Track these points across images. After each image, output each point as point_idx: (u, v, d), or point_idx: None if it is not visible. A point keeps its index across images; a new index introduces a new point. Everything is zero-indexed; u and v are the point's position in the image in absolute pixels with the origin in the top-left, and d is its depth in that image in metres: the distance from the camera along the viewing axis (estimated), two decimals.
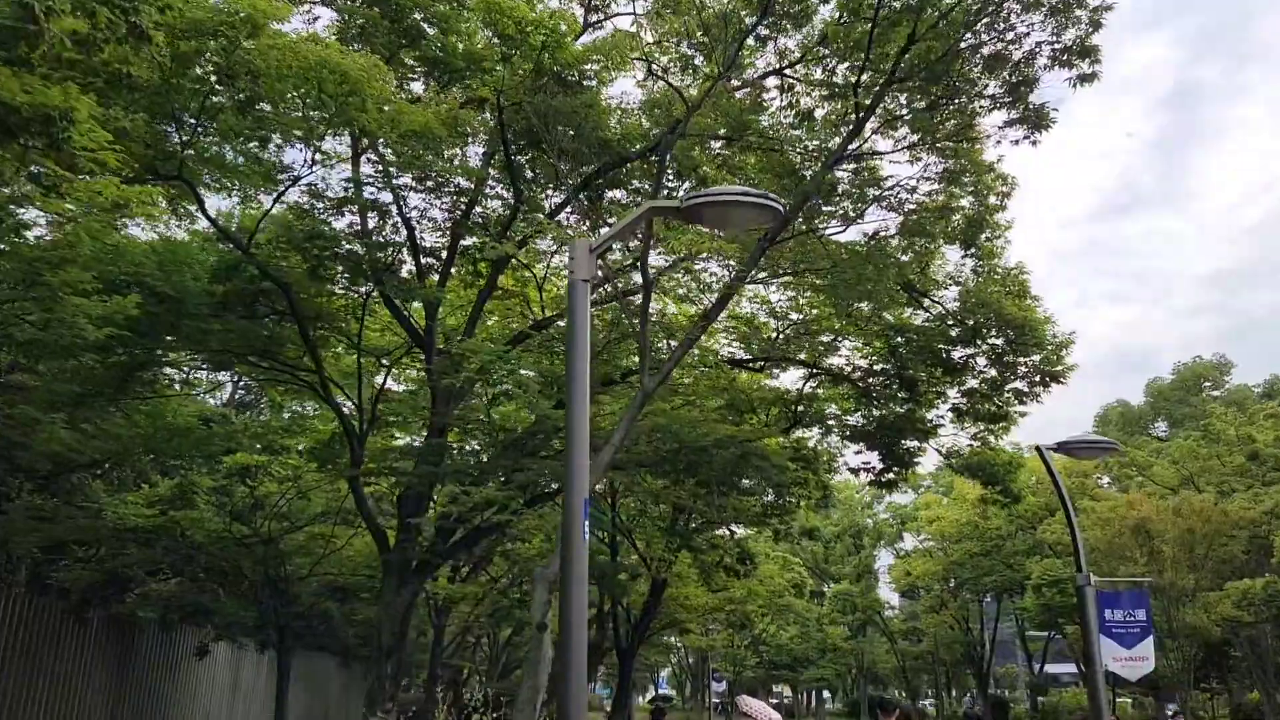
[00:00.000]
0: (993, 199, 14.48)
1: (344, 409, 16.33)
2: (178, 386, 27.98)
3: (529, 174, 15.22)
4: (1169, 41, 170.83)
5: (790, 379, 19.55)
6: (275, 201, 14.26)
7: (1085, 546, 40.20)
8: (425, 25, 15.85)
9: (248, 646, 27.11)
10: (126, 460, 23.08)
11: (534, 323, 16.26)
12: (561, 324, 16.69)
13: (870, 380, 17.70)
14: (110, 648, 23.38)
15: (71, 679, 21.21)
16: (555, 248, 16.36)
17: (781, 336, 18.21)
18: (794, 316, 18.47)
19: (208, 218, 13.60)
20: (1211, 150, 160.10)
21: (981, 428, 18.73)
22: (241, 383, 31.86)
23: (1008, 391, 15.70)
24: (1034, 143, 11.27)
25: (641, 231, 10.99)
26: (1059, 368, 14.76)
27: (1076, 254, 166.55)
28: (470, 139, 16.27)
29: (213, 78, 12.79)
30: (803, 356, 17.76)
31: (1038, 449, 13.84)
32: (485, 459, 15.47)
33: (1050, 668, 63.36)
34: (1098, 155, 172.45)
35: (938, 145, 11.11)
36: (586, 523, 7.55)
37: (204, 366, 18.26)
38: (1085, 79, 11.07)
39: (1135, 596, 14.00)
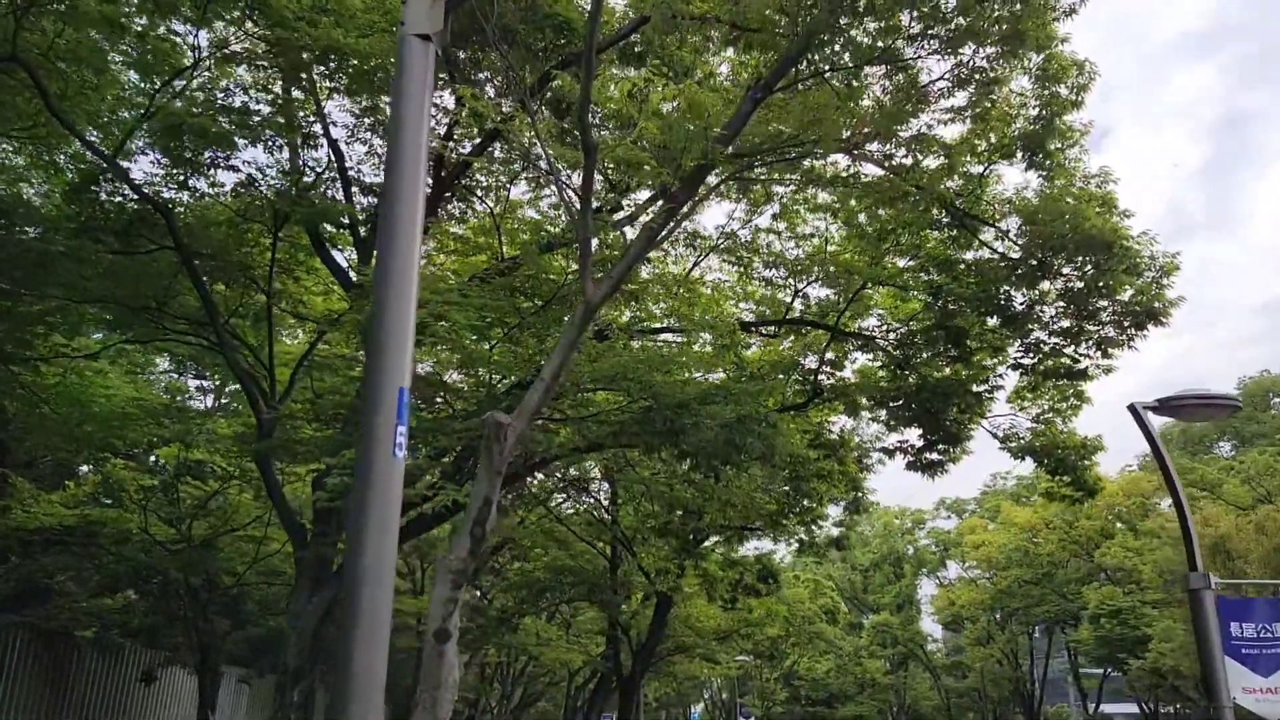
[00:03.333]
0: (1063, 90, 11.16)
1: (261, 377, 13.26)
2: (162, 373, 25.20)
3: (481, 75, 12.18)
4: (1216, 69, 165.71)
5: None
6: (152, 105, 11.31)
7: (1156, 569, 35.81)
8: None
9: (227, 674, 24.08)
10: (50, 451, 20.30)
11: (492, 267, 13.16)
12: (527, 271, 13.58)
13: (908, 346, 14.30)
14: (37, 669, 20.39)
15: None
16: (512, 174, 13.29)
17: (801, 293, 14.94)
18: (815, 271, 15.18)
19: (53, 111, 10.65)
20: (1260, 178, 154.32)
21: (1046, 406, 15.25)
22: (231, 389, 29.10)
23: (1087, 342, 12.16)
24: None
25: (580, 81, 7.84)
26: (1158, 304, 11.22)
27: None
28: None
29: None
30: (821, 317, 14.47)
31: (1132, 409, 10.48)
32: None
33: (1106, 707, 58.64)
34: (1142, 183, 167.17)
35: None
36: (403, 431, 4.35)
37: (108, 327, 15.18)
38: None
39: (1273, 606, 10.41)
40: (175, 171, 11.34)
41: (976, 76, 8.40)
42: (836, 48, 7.76)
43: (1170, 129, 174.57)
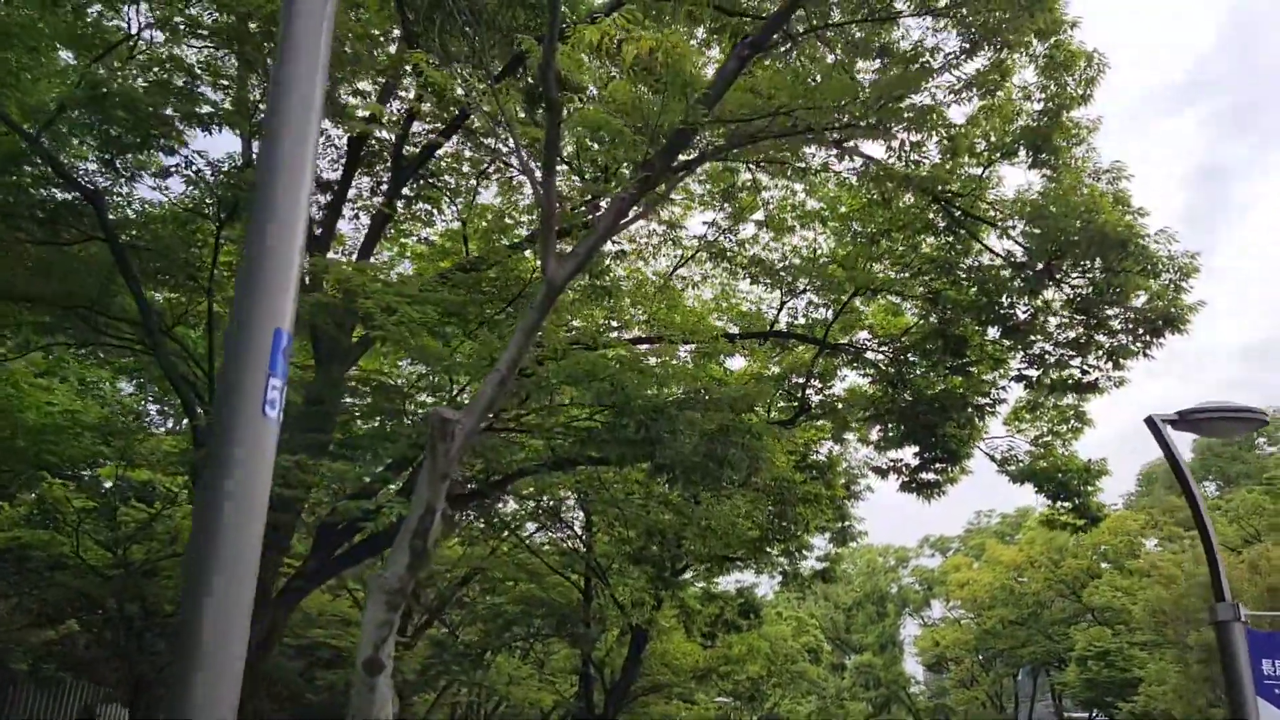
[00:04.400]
0: (1070, 82, 10.37)
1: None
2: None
3: (445, 55, 11.28)
4: (1198, 120, 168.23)
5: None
6: (85, 75, 10.32)
7: (1147, 609, 34.76)
8: None
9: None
10: None
11: (459, 264, 12.25)
12: (493, 274, 12.67)
13: (901, 363, 13.40)
14: None
15: None
16: (480, 166, 12.40)
17: (787, 304, 14.07)
18: (802, 283, 14.33)
19: None
20: (1239, 226, 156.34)
21: (1045, 429, 14.38)
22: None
23: (1098, 352, 11.23)
24: None
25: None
26: (1175, 309, 10.31)
27: None
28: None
29: None
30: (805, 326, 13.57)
31: (1149, 422, 9.61)
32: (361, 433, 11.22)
33: None
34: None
35: None
36: (276, 384, 3.36)
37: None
38: None
39: None
40: (101, 152, 10.32)
41: (988, 40, 7.59)
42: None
43: (1151, 176, 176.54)
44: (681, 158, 9.93)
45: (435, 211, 14.61)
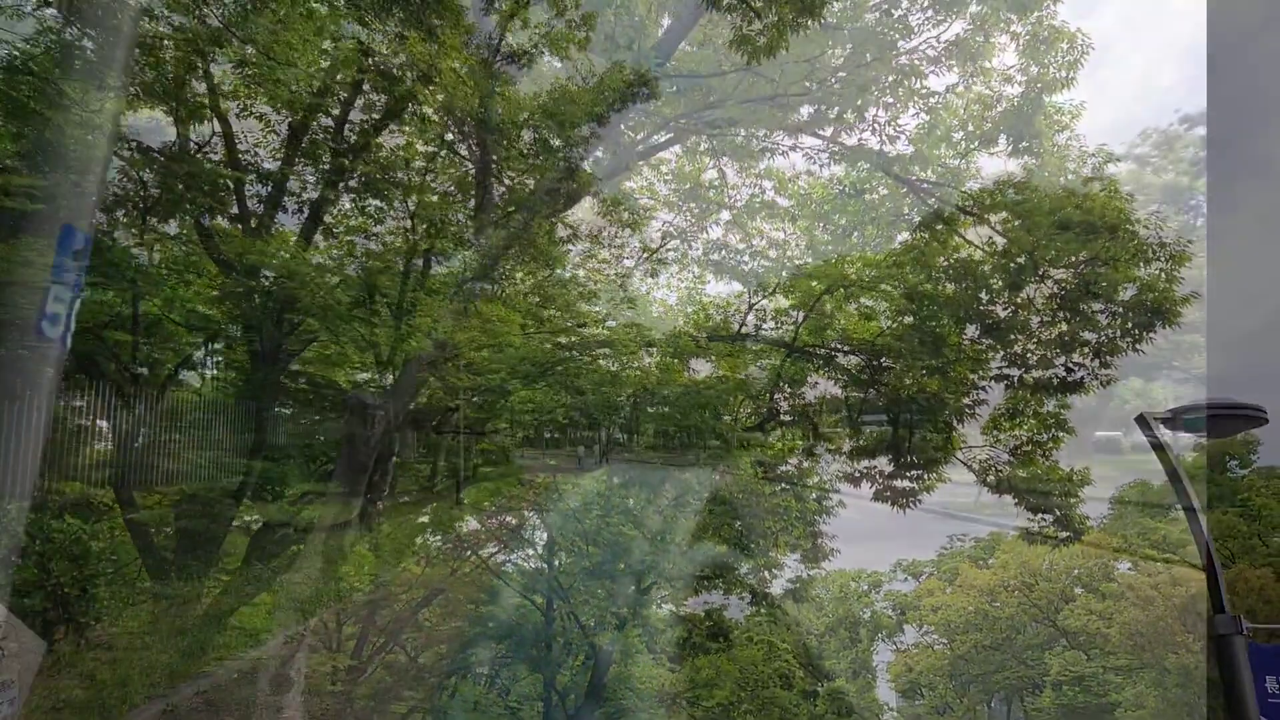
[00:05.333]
0: (1052, 64, 9.81)
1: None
2: None
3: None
4: (1164, 150, 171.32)
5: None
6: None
7: (1124, 631, 34.25)
8: None
9: None
10: None
11: (407, 251, 11.49)
12: (444, 272, 11.94)
13: (875, 369, 12.73)
14: None
15: None
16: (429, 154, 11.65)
17: (755, 307, 13.38)
18: (771, 283, 13.67)
19: None
20: (1200, 259, 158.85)
21: (1024, 438, 13.74)
22: None
23: (1083, 349, 10.61)
24: None
25: None
26: (1166, 301, 9.69)
27: None
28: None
29: None
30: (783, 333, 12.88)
31: (1141, 420, 8.98)
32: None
33: None
34: None
35: None
36: (64, 296, 2.69)
37: None
38: None
39: None
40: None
41: None
42: None
43: None
44: (650, 138, 9.26)
45: (386, 208, 13.86)
